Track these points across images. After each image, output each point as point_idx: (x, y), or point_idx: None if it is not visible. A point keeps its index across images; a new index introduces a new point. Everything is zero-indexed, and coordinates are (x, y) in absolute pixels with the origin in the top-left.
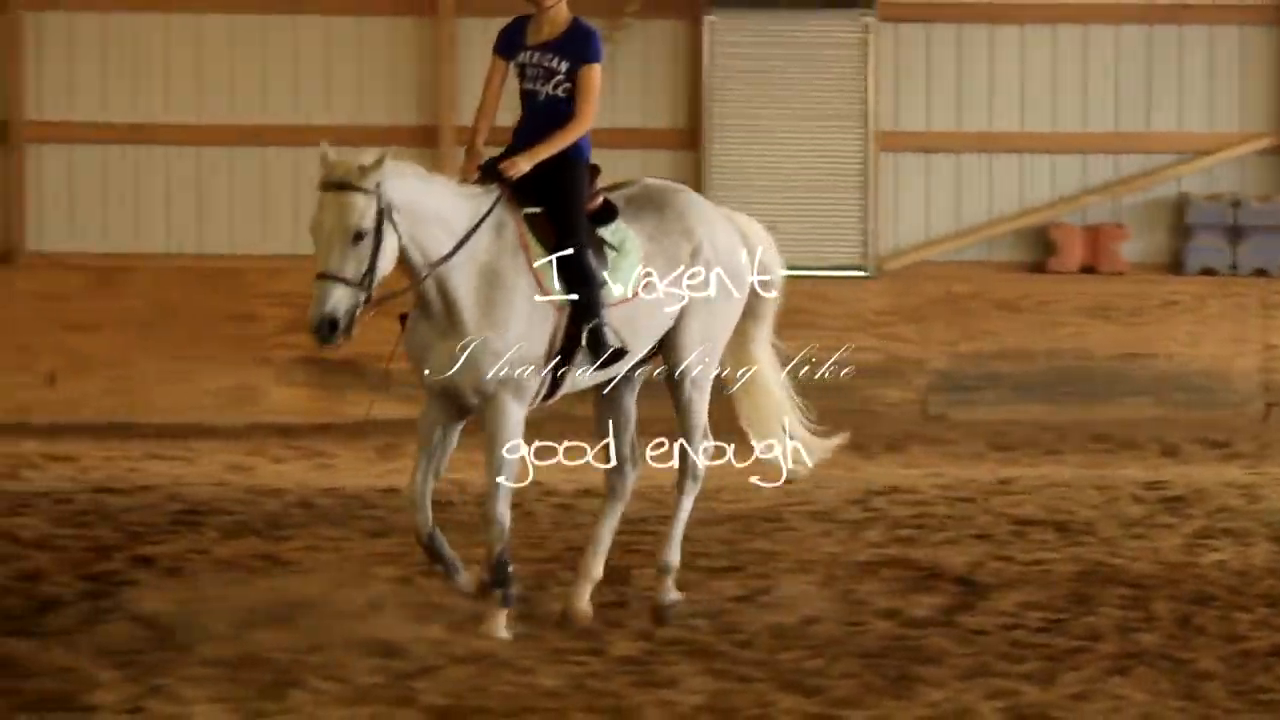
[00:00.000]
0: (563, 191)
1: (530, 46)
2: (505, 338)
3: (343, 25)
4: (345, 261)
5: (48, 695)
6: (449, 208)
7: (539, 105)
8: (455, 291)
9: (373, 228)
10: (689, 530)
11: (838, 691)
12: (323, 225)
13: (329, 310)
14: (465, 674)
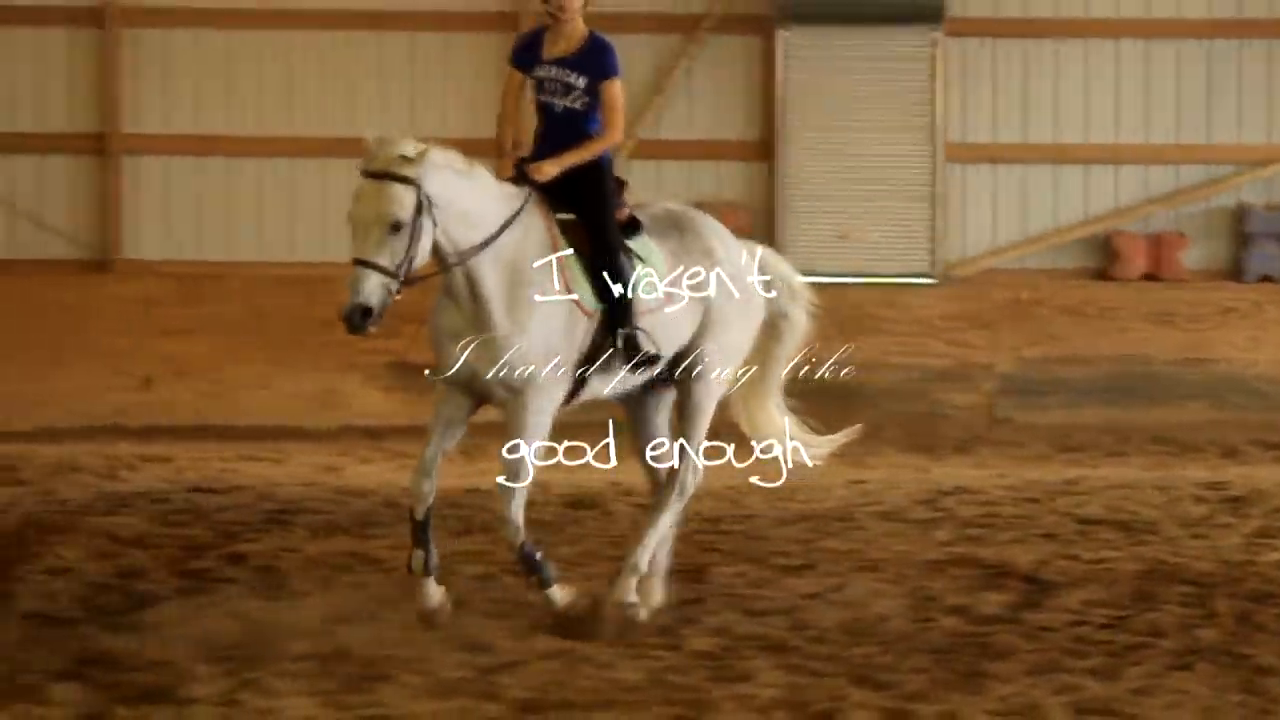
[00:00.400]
0: (595, 198)
1: (547, 60)
2: (530, 336)
3: (427, 41)
4: (381, 250)
5: (146, 688)
6: (484, 204)
7: (557, 118)
8: (483, 285)
9: (410, 219)
10: (763, 529)
11: (908, 686)
12: (361, 213)
13: (363, 298)
14: (548, 668)
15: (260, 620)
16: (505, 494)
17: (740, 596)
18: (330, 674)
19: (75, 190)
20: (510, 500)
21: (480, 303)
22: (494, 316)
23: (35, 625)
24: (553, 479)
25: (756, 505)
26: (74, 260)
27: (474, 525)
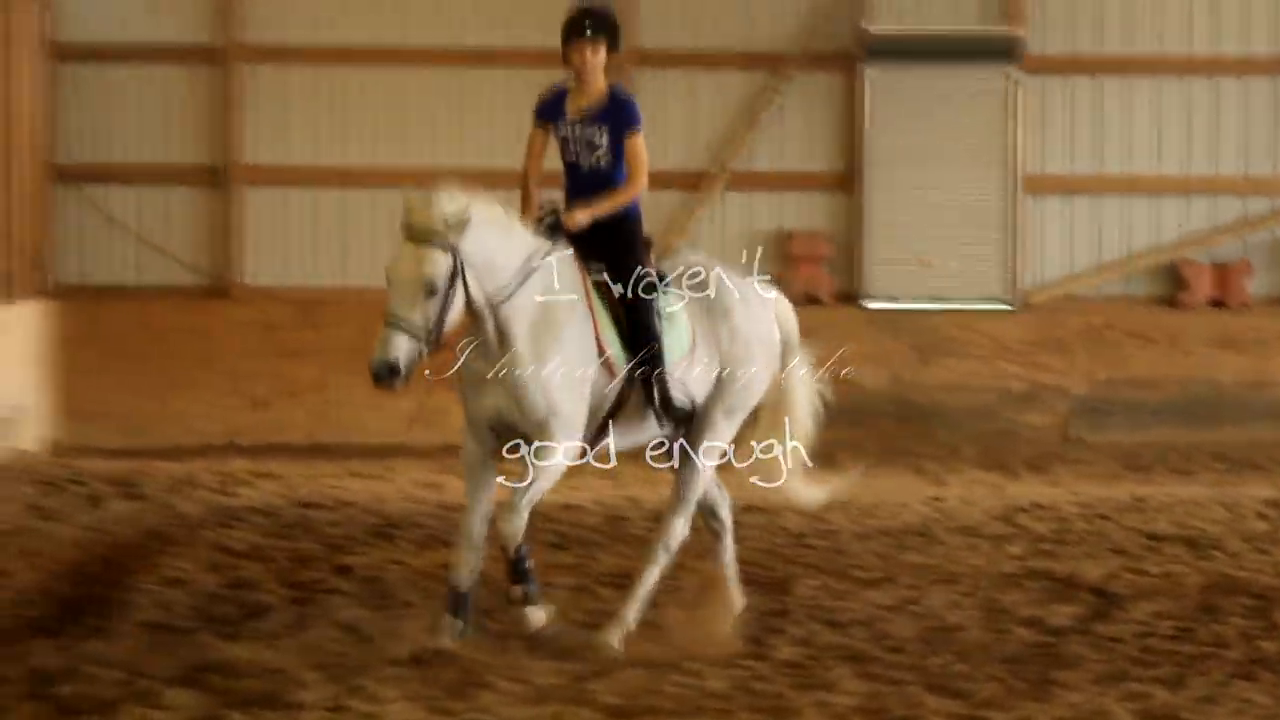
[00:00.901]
0: (626, 254)
1: (571, 119)
2: (553, 373)
3: (528, 77)
4: (414, 311)
5: (257, 694)
6: (519, 256)
7: (583, 176)
8: (511, 329)
9: (445, 283)
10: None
11: (982, 694)
12: (398, 273)
13: (392, 358)
14: (638, 676)
15: (366, 630)
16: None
17: (822, 608)
18: (432, 681)
19: (196, 220)
20: (514, 519)
21: (507, 345)
22: (519, 357)
23: (153, 633)
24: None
25: (838, 521)
26: (194, 287)
27: (569, 540)
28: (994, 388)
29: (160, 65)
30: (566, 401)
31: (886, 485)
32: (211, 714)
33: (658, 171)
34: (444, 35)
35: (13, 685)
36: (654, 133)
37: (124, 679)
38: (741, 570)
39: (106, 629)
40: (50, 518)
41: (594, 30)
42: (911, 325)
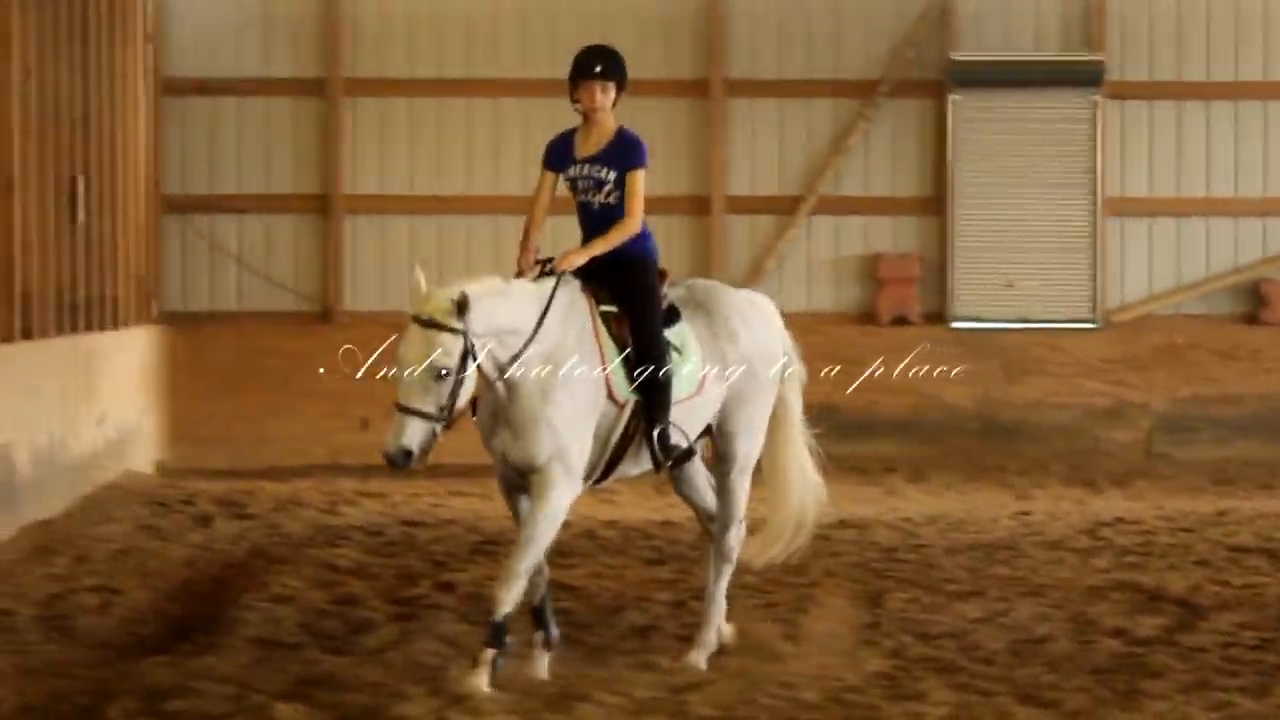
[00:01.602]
0: (638, 293)
1: (579, 160)
2: (560, 415)
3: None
4: (426, 397)
5: (362, 707)
6: (523, 315)
7: (593, 214)
8: (521, 382)
9: (456, 366)
10: (933, 558)
11: (1070, 704)
12: (408, 358)
13: (405, 444)
14: (733, 688)
15: (467, 644)
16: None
17: (913, 621)
18: (533, 694)
19: (299, 247)
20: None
21: (512, 388)
22: (524, 394)
23: (262, 649)
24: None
25: (929, 536)
26: (298, 312)
27: (667, 555)
28: (1078, 405)
29: (264, 98)
30: (572, 443)
31: (975, 500)
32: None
33: (749, 196)
34: (533, 67)
35: (126, 701)
36: (745, 160)
37: (234, 694)
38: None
39: (216, 645)
40: (161, 537)
41: (604, 71)
42: (998, 344)
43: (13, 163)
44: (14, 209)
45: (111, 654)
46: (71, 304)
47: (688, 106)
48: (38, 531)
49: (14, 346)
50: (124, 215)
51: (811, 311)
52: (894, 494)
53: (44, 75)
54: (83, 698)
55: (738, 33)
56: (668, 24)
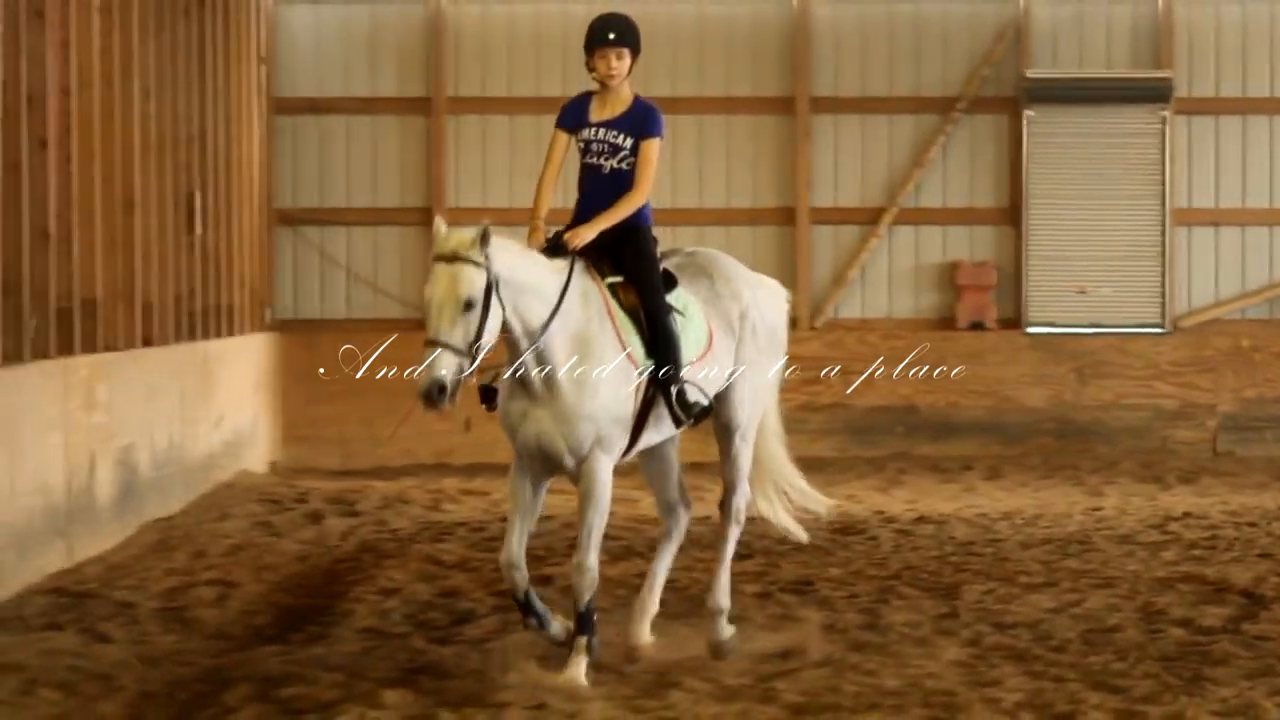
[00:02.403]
0: (639, 261)
1: (594, 123)
2: (598, 402)
3: (713, 123)
4: (455, 329)
5: (465, 694)
6: (543, 279)
7: (603, 179)
8: (553, 358)
9: (481, 298)
10: (1008, 551)
11: (1139, 690)
12: (435, 294)
13: (438, 376)
14: (819, 675)
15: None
16: (589, 544)
17: (989, 611)
18: (628, 681)
19: (405, 257)
20: (590, 551)
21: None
22: (563, 387)
23: (370, 638)
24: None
25: (1004, 531)
26: (404, 319)
27: (754, 549)
28: (1148, 406)
29: (371, 116)
30: (612, 426)
31: (1049, 497)
32: (424, 713)
33: (833, 208)
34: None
35: (242, 688)
36: (829, 173)
37: (343, 681)
38: (914, 576)
39: (327, 635)
40: (275, 533)
41: (618, 38)
42: (1071, 348)
43: (134, 179)
44: (135, 223)
45: (228, 644)
46: (190, 312)
47: (775, 122)
48: (158, 528)
49: (136, 353)
50: (239, 228)
51: (892, 317)
52: (971, 491)
53: (163, 96)
54: (200, 685)
55: (822, 52)
56: (756, 44)
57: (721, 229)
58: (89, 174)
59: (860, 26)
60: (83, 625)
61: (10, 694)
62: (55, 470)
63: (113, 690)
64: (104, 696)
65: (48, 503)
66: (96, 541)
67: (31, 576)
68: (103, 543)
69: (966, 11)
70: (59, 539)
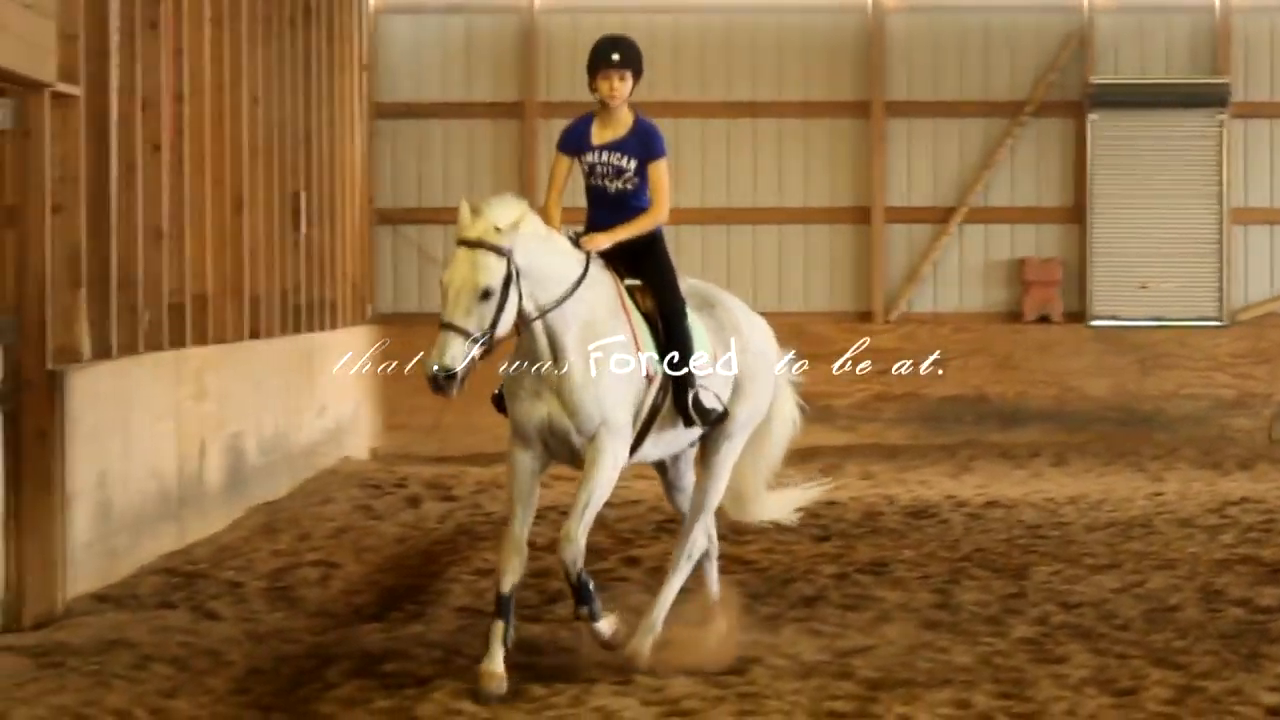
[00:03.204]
0: (658, 268)
1: (597, 146)
2: (606, 384)
3: (792, 126)
4: (470, 316)
5: (555, 669)
6: (564, 266)
7: (609, 200)
8: (562, 339)
9: (500, 287)
10: (1074, 534)
11: (1199, 666)
12: (454, 279)
13: (448, 361)
14: (893, 652)
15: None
16: (581, 519)
17: (1056, 591)
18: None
19: None
20: (580, 525)
21: (559, 354)
22: (572, 366)
23: (466, 617)
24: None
25: (1070, 514)
26: None
27: (832, 532)
28: (1207, 395)
29: (466, 120)
30: (618, 409)
31: (1113, 482)
32: (517, 687)
33: (906, 207)
34: (711, 90)
35: (344, 664)
36: (903, 174)
37: (441, 658)
38: (984, 558)
39: (425, 614)
40: (375, 516)
41: (621, 60)
42: (1133, 341)
43: (243, 180)
44: (244, 222)
45: (330, 622)
46: (295, 306)
47: (851, 126)
48: (265, 512)
49: (244, 345)
50: (341, 227)
51: (963, 311)
52: (1038, 476)
53: (271, 102)
54: (305, 661)
55: (896, 59)
56: (833, 50)
57: (800, 227)
58: (200, 175)
59: (932, 34)
60: (193, 604)
61: (125, 669)
62: (168, 457)
63: (221, 665)
64: (213, 671)
65: (161, 487)
66: (206, 524)
67: (145, 557)
68: (212, 525)
69: (1033, 20)
70: (171, 522)
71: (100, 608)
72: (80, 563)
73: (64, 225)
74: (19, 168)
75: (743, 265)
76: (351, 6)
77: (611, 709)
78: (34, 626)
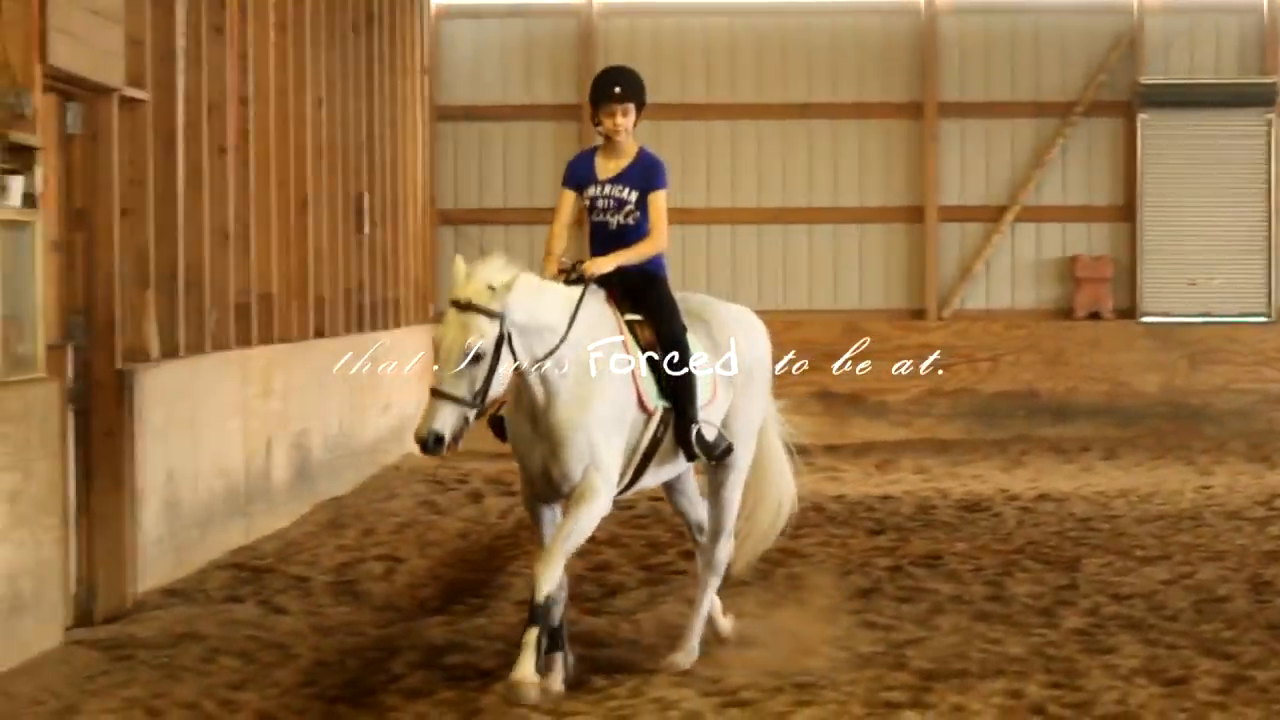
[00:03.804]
0: (659, 303)
1: (600, 180)
2: (594, 426)
3: (846, 127)
4: (460, 381)
5: (617, 661)
6: (558, 313)
7: (610, 234)
8: (556, 384)
9: (491, 349)
10: (1124, 527)
11: (1247, 656)
12: (443, 341)
13: (437, 428)
14: (947, 643)
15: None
16: (556, 556)
17: (1106, 583)
18: (767, 647)
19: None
20: (556, 562)
21: (550, 394)
22: (562, 408)
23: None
24: (949, 487)
25: (1120, 507)
26: None
27: (886, 526)
28: (1255, 390)
29: (526, 122)
30: (607, 452)
31: (1162, 476)
32: (578, 679)
33: (959, 206)
34: (767, 93)
35: (409, 655)
36: (955, 174)
37: (503, 650)
38: (1036, 550)
39: (487, 607)
40: (438, 512)
41: (623, 93)
42: (1182, 337)
43: (307, 182)
44: (308, 223)
45: (395, 615)
46: (359, 306)
47: (905, 126)
48: (330, 508)
49: (309, 344)
50: (404, 227)
51: (1015, 308)
52: (1089, 470)
53: (334, 105)
54: (370, 654)
55: (949, 60)
56: (887, 53)
57: (855, 227)
58: (265, 177)
59: (984, 36)
60: (261, 598)
61: (194, 661)
62: (234, 454)
63: (289, 658)
64: (280, 664)
65: (228, 484)
66: (273, 520)
67: (213, 553)
68: (278, 521)
69: (1083, 22)
70: (238, 517)
71: (169, 602)
72: (150, 558)
73: (132, 228)
74: (88, 171)
75: (798, 264)
76: (413, 11)
77: (670, 699)
78: (105, 620)
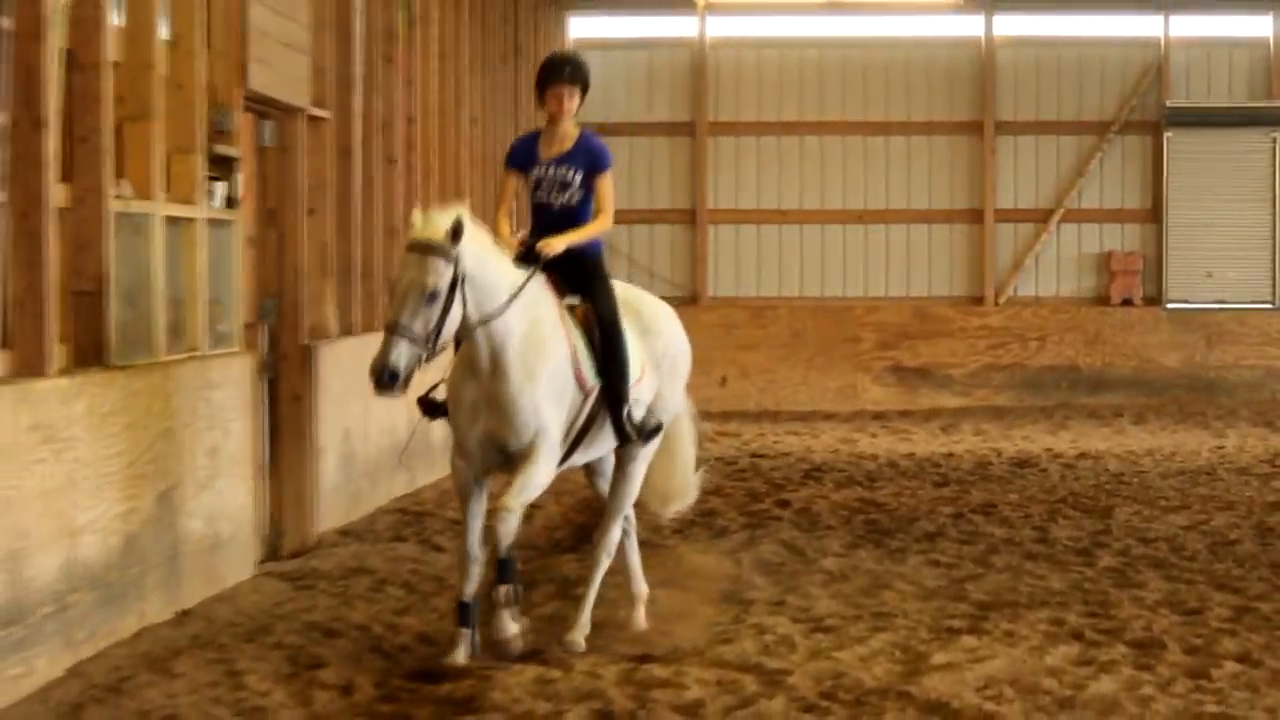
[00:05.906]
0: (598, 284)
1: (544, 160)
2: (543, 393)
3: (918, 142)
4: (415, 319)
5: (722, 593)
6: (507, 278)
7: (553, 215)
8: (502, 349)
9: (445, 291)
10: (1150, 481)
11: (1254, 590)
12: (402, 281)
13: (392, 362)
14: (1000, 579)
15: (800, 547)
16: (510, 517)
17: (1135, 528)
18: (846, 579)
19: (675, 248)
20: (510, 519)
21: (498, 362)
22: (511, 374)
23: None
24: (1003, 447)
25: (1147, 464)
26: (673, 297)
27: (949, 479)
28: (1262, 366)
29: (647, 138)
30: (553, 421)
31: (1182, 438)
32: (688, 609)
33: (1013, 209)
34: (848, 111)
35: (545, 588)
36: (1010, 181)
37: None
38: (1075, 500)
39: None
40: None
41: (572, 75)
42: (1201, 321)
43: (464, 189)
44: None
45: (534, 553)
46: None
47: (967, 141)
48: None
49: None
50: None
51: (1059, 296)
52: (1121, 433)
53: (487, 123)
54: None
55: (1004, 85)
56: (952, 80)
57: (924, 226)
58: (427, 184)
59: (1035, 65)
60: (421, 538)
61: (365, 591)
62: (399, 416)
63: (444, 589)
64: (437, 594)
65: (393, 441)
66: (431, 472)
67: (381, 500)
68: (436, 473)
69: (1119, 54)
70: (402, 470)
71: (344, 540)
72: (328, 503)
73: (316, 225)
74: (279, 178)
75: (877, 258)
76: (554, 44)
77: (766, 625)
78: (290, 556)
